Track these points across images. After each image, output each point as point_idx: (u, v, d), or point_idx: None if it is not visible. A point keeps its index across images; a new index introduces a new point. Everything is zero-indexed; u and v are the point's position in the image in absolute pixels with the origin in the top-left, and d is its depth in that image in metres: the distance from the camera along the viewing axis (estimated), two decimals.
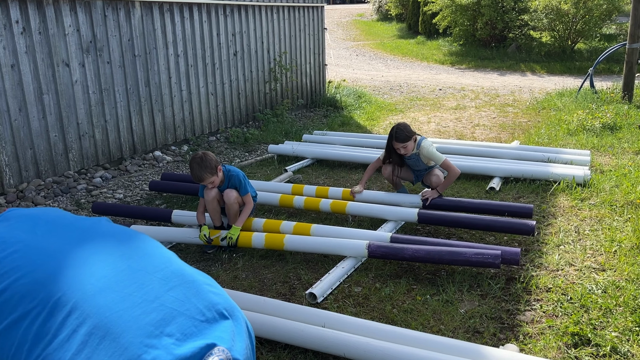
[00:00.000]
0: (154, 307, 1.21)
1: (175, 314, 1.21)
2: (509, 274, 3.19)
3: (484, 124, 7.61)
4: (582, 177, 4.59)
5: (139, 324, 1.17)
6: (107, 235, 1.47)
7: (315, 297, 2.93)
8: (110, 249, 1.40)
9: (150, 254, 1.41)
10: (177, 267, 1.40)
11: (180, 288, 1.30)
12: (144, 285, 1.27)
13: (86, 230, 1.49)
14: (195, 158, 3.43)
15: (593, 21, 13.76)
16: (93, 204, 4.25)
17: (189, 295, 1.29)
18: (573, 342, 2.51)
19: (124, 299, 1.22)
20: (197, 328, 1.22)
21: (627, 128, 6.53)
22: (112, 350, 1.12)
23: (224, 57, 7.03)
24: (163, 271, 1.34)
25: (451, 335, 2.61)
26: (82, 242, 1.41)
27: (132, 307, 1.21)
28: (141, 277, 1.30)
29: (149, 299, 1.23)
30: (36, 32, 4.72)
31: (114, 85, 5.54)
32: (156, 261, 1.38)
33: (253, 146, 6.70)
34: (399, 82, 12.34)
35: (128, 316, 1.18)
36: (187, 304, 1.26)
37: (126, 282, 1.27)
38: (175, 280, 1.33)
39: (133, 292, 1.25)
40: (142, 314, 1.20)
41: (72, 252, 1.36)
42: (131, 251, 1.40)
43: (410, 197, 4.18)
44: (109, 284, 1.26)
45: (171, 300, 1.24)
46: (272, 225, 3.70)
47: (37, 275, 1.29)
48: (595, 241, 3.57)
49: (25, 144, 4.78)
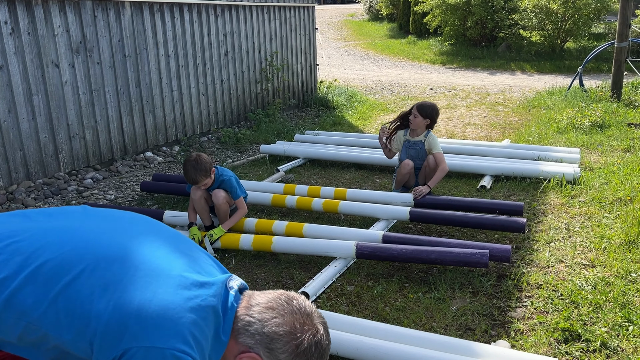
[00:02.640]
0: (189, 260, 1.41)
1: (205, 263, 1.45)
2: (500, 271, 3.21)
3: (474, 123, 7.65)
4: (572, 175, 4.63)
5: (181, 265, 1.37)
6: (155, 226, 1.60)
7: (308, 296, 2.93)
8: (162, 235, 1.53)
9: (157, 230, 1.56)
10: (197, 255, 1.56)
11: (202, 252, 1.53)
12: (196, 263, 1.43)
13: (136, 222, 1.59)
14: (190, 160, 3.41)
15: (582, 20, 13.87)
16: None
17: (193, 252, 1.49)
18: (563, 337, 2.53)
19: (177, 265, 1.39)
20: (213, 268, 1.46)
21: (616, 126, 6.60)
22: (171, 282, 1.31)
23: (215, 57, 7.02)
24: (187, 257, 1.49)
25: (443, 332, 2.63)
26: (133, 228, 1.52)
27: (184, 266, 1.38)
28: (192, 260, 1.45)
29: (198, 270, 1.40)
30: (25, 32, 4.69)
31: (105, 86, 5.51)
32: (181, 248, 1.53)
33: (245, 146, 6.69)
34: (390, 82, 12.37)
35: (170, 260, 1.38)
36: (210, 260, 1.51)
37: (180, 260, 1.42)
38: (197, 249, 1.54)
39: (186, 263, 1.41)
40: (178, 257, 1.40)
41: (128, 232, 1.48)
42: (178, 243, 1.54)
43: (402, 196, 4.19)
44: (164, 255, 1.42)
45: (203, 259, 1.47)
46: (264, 225, 3.70)
47: (96, 240, 1.41)
48: (585, 238, 3.60)
49: (15, 145, 4.75)
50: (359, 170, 5.49)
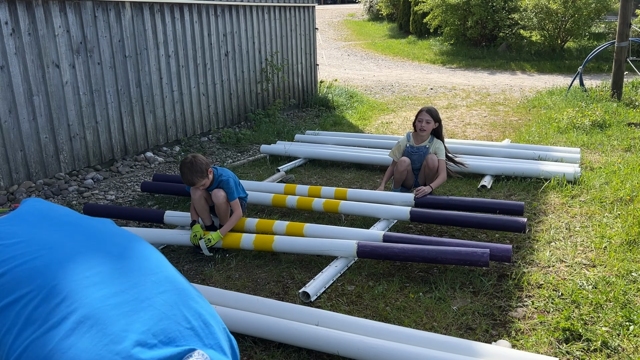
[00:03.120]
0: (144, 306, 1.26)
1: (162, 317, 1.25)
2: (500, 271, 3.22)
3: (475, 123, 7.65)
4: (573, 175, 4.63)
5: (127, 320, 1.21)
6: (109, 235, 1.52)
7: (309, 296, 2.94)
8: (109, 248, 1.45)
9: (147, 257, 1.46)
10: (171, 273, 1.44)
11: (171, 293, 1.34)
12: (137, 285, 1.32)
13: (89, 229, 1.54)
14: (186, 162, 3.42)
15: (582, 20, 13.87)
16: (85, 205, 4.23)
17: (177, 302, 1.32)
18: (564, 337, 2.53)
19: (116, 295, 1.27)
20: (182, 334, 1.25)
21: (617, 126, 6.59)
22: (99, 339, 1.16)
23: (215, 57, 7.02)
24: (157, 275, 1.38)
25: (444, 332, 2.63)
26: (83, 239, 1.47)
27: (123, 304, 1.25)
28: (135, 277, 1.34)
29: (140, 298, 1.28)
30: (26, 33, 4.69)
31: (105, 86, 5.51)
32: (152, 264, 1.43)
33: (245, 146, 6.69)
34: (391, 82, 12.37)
35: (118, 311, 1.23)
36: (175, 310, 1.30)
37: (120, 280, 1.32)
38: (167, 285, 1.37)
39: (126, 289, 1.30)
40: (131, 310, 1.24)
41: (72, 247, 1.42)
42: (129, 252, 1.45)
43: (402, 196, 4.19)
44: (104, 279, 1.31)
45: (161, 303, 1.28)
46: (265, 225, 3.70)
47: (37, 264, 1.34)
48: (586, 238, 3.60)
49: (16, 145, 4.75)
50: (359, 170, 5.49)
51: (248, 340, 2.60)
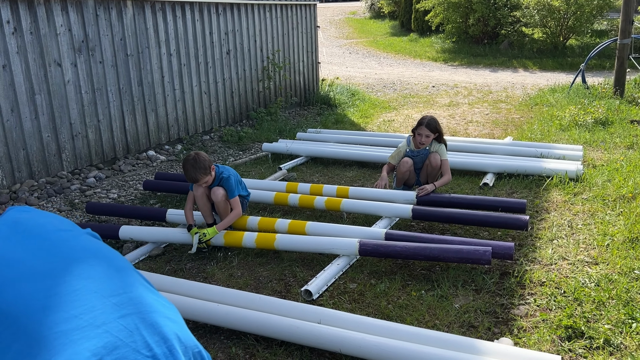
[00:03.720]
0: (98, 332, 1.16)
1: (119, 344, 1.16)
2: (502, 269, 3.21)
3: (477, 121, 7.64)
4: (575, 172, 4.62)
5: (75, 348, 1.12)
6: (78, 252, 1.41)
7: (311, 294, 2.94)
8: (73, 267, 1.33)
9: (111, 276, 1.35)
10: (137, 293, 1.31)
11: (133, 317, 1.23)
12: (95, 309, 1.22)
13: (58, 244, 1.42)
14: (189, 159, 3.43)
15: (584, 17, 13.84)
16: (87, 204, 4.24)
17: (140, 326, 1.22)
18: (567, 335, 2.53)
19: (68, 320, 1.18)
20: None
21: (619, 123, 6.58)
22: None
23: (217, 55, 7.02)
24: (120, 296, 1.28)
25: (446, 329, 2.63)
26: (48, 256, 1.36)
27: (75, 330, 1.16)
28: (94, 300, 1.24)
29: (96, 323, 1.18)
30: (27, 32, 4.70)
31: (107, 85, 5.52)
32: (116, 284, 1.32)
33: (247, 145, 6.69)
34: (392, 80, 12.36)
35: (67, 338, 1.14)
36: (136, 336, 1.20)
37: (76, 303, 1.22)
38: (129, 307, 1.26)
39: (81, 313, 1.20)
40: (82, 338, 1.15)
41: (32, 265, 1.31)
42: (93, 272, 1.34)
43: (404, 194, 4.19)
44: (58, 302, 1.21)
45: (119, 329, 1.19)
46: (267, 223, 3.70)
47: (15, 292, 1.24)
48: (588, 235, 3.60)
49: (18, 144, 4.76)
50: (361, 168, 5.49)
51: (250, 338, 2.61)
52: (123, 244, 3.80)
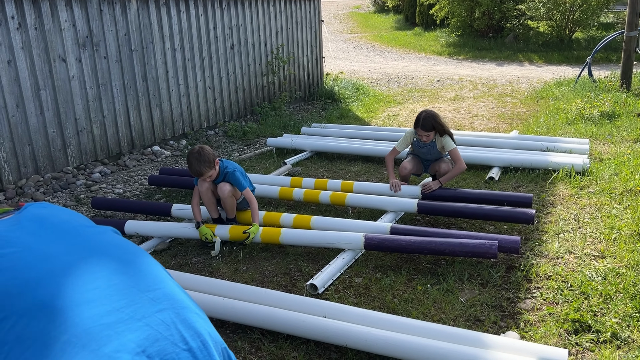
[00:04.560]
0: (139, 325, 1.22)
1: (159, 337, 1.21)
2: (509, 263, 3.20)
3: (482, 115, 7.61)
4: (581, 166, 4.59)
5: (121, 340, 1.17)
6: (108, 248, 1.47)
7: (316, 288, 2.94)
8: (107, 262, 1.39)
9: (146, 272, 1.41)
10: (170, 290, 1.38)
11: (169, 312, 1.29)
12: (134, 303, 1.27)
13: (89, 240, 1.48)
14: (193, 153, 3.43)
15: (590, 10, 13.72)
16: (92, 199, 4.25)
17: (175, 321, 1.28)
18: (573, 328, 2.52)
19: (110, 313, 1.23)
20: (178, 356, 1.22)
21: (626, 116, 6.53)
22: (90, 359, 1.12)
23: (221, 50, 7.01)
24: (155, 292, 1.33)
25: (452, 323, 2.62)
26: (81, 251, 1.42)
27: (118, 323, 1.21)
28: (132, 295, 1.30)
29: (137, 317, 1.24)
30: (32, 27, 4.70)
31: (111, 80, 5.52)
32: (150, 281, 1.37)
33: (252, 140, 6.69)
34: (397, 74, 12.31)
35: (112, 330, 1.19)
36: (172, 329, 1.25)
37: (116, 297, 1.27)
38: (165, 303, 1.32)
39: (121, 307, 1.25)
40: (126, 330, 1.20)
41: (68, 260, 1.36)
42: (127, 267, 1.40)
43: (409, 188, 4.18)
44: (99, 296, 1.26)
45: (157, 323, 1.24)
46: (272, 218, 3.70)
47: (28, 277, 1.28)
48: (595, 229, 3.58)
49: (24, 140, 4.77)
50: (366, 162, 5.47)
51: (256, 332, 2.61)
52: (129, 239, 3.81)
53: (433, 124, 4.05)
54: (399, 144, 4.37)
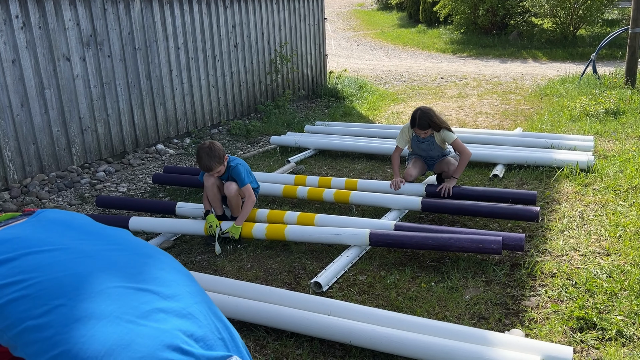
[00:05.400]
0: (184, 314, 1.35)
1: (201, 325, 1.35)
2: (513, 260, 3.19)
3: (486, 112, 7.59)
4: (586, 163, 4.58)
5: (174, 323, 1.31)
6: (135, 246, 1.58)
7: (320, 286, 2.94)
8: (142, 259, 1.51)
9: (176, 269, 1.55)
10: (198, 286, 1.54)
11: (203, 305, 1.43)
12: (176, 296, 1.41)
13: (117, 240, 1.59)
14: (204, 147, 3.43)
15: (595, 6, 13.66)
16: (97, 198, 4.26)
17: (209, 312, 1.41)
18: (578, 326, 2.51)
19: (162, 299, 1.37)
20: (216, 343, 1.34)
21: (631, 113, 6.50)
22: (154, 334, 1.25)
23: (224, 49, 7.01)
24: (190, 286, 1.47)
25: (456, 321, 2.62)
26: (116, 248, 1.52)
27: (169, 311, 1.34)
28: (174, 287, 1.43)
29: (181, 305, 1.38)
30: (36, 26, 4.71)
31: (115, 79, 5.53)
32: (183, 276, 1.52)
33: (255, 138, 6.69)
34: (401, 72, 12.29)
35: (164, 314, 1.33)
36: (209, 320, 1.39)
37: (162, 289, 1.41)
38: (199, 296, 1.46)
39: (168, 297, 1.39)
40: (176, 316, 1.35)
41: (110, 257, 1.47)
42: (161, 263, 1.53)
43: (413, 186, 4.17)
44: (148, 289, 1.40)
45: (198, 313, 1.38)
46: (276, 215, 3.70)
47: (79, 270, 1.38)
48: (600, 226, 3.56)
49: (28, 139, 4.79)
50: (369, 160, 5.47)
51: (261, 330, 2.61)
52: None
53: (429, 122, 3.98)
54: (398, 140, 4.30)
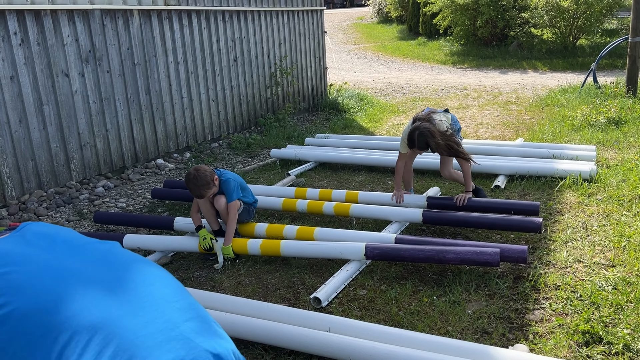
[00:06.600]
0: (174, 335, 1.26)
1: (192, 345, 1.26)
2: (516, 273, 3.14)
3: (487, 123, 7.55)
4: (589, 173, 4.53)
5: (162, 349, 1.21)
6: (125, 260, 1.49)
7: (320, 302, 2.88)
8: (131, 275, 1.42)
9: (168, 283, 1.45)
10: (192, 299, 1.44)
11: (196, 321, 1.33)
12: (165, 314, 1.31)
13: (105, 254, 1.50)
14: (190, 178, 3.36)
15: (594, 16, 13.67)
16: (95, 214, 4.23)
17: (202, 329, 1.32)
18: (584, 340, 2.45)
19: (147, 325, 1.27)
20: None
21: (633, 122, 6.46)
22: None
23: (224, 63, 7.01)
24: (181, 301, 1.38)
25: (459, 336, 2.56)
26: (102, 265, 1.44)
27: (155, 333, 1.25)
28: (162, 305, 1.34)
29: (169, 327, 1.28)
30: (34, 43, 4.72)
31: (114, 94, 5.52)
32: (174, 290, 1.42)
33: (256, 151, 6.67)
34: (401, 84, 12.30)
35: (152, 341, 1.23)
36: (201, 338, 1.29)
37: (149, 309, 1.31)
38: (192, 312, 1.36)
39: (155, 318, 1.29)
40: (164, 340, 1.24)
41: (94, 275, 1.39)
42: (151, 278, 1.44)
43: (414, 197, 4.13)
44: (133, 309, 1.30)
45: (188, 331, 1.29)
46: (275, 230, 3.65)
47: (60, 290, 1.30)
48: (604, 237, 3.51)
49: (27, 155, 4.77)
50: (370, 172, 5.43)
51: (258, 347, 2.56)
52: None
53: (427, 142, 3.72)
54: (401, 146, 4.16)
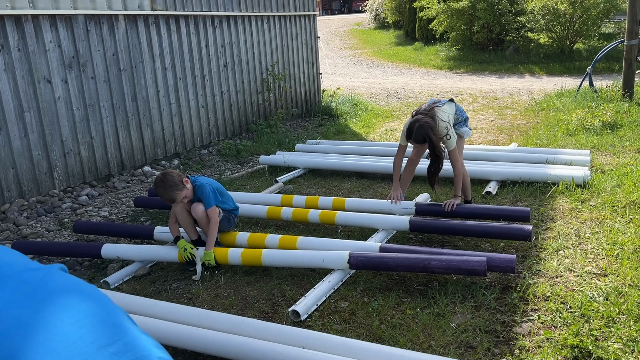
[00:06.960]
0: None
1: None
2: (504, 283, 3.02)
3: (481, 127, 7.45)
4: (582, 178, 4.41)
5: None
6: (57, 293, 1.32)
7: (299, 315, 2.76)
8: (60, 314, 1.25)
9: (101, 319, 1.28)
10: (131, 337, 1.28)
11: None
12: None
13: (34, 287, 1.36)
14: (157, 183, 3.27)
15: (591, 20, 13.60)
16: (74, 223, 4.11)
17: None
18: (573, 355, 2.33)
19: None
20: None
21: (629, 126, 6.35)
22: None
23: (214, 68, 6.92)
24: (116, 344, 1.23)
25: (442, 351, 2.44)
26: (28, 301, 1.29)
27: None
28: (93, 352, 1.18)
29: None
30: (15, 49, 4.62)
31: (99, 101, 5.42)
32: (109, 329, 1.27)
33: (245, 158, 6.56)
34: (396, 89, 12.21)
35: None
36: None
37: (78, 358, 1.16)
38: (128, 355, 1.21)
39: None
40: None
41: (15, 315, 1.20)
42: (82, 315, 1.27)
43: (402, 204, 4.01)
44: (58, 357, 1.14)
45: None
46: (257, 239, 3.54)
47: None
48: (597, 245, 3.39)
49: (7, 163, 4.66)
50: (360, 179, 5.32)
51: None
52: (108, 264, 3.65)
53: (424, 137, 3.60)
54: (402, 138, 3.93)
